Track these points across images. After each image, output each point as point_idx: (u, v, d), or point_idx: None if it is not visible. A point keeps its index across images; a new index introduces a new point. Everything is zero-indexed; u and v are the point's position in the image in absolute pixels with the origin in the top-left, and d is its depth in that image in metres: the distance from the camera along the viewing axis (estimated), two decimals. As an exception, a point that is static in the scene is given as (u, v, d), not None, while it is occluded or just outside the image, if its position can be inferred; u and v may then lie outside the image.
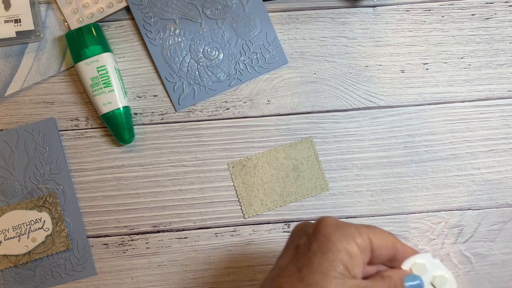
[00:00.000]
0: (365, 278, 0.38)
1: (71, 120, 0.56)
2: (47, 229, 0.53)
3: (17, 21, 0.54)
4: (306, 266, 0.35)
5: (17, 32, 0.54)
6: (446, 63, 0.57)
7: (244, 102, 0.56)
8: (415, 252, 0.39)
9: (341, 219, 0.54)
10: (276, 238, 0.55)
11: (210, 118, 0.56)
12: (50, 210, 0.54)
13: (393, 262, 0.38)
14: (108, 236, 0.55)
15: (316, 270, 0.34)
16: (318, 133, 0.56)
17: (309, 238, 0.36)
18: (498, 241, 0.55)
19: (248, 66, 0.56)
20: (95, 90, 0.53)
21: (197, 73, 0.56)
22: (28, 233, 0.53)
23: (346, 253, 0.35)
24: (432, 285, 0.42)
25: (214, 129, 0.56)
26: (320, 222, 0.37)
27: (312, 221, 0.39)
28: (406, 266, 0.39)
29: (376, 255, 0.37)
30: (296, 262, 0.36)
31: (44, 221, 0.53)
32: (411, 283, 0.37)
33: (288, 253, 0.37)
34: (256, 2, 0.56)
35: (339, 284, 0.34)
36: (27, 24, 0.54)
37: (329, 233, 0.36)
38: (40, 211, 0.53)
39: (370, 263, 0.38)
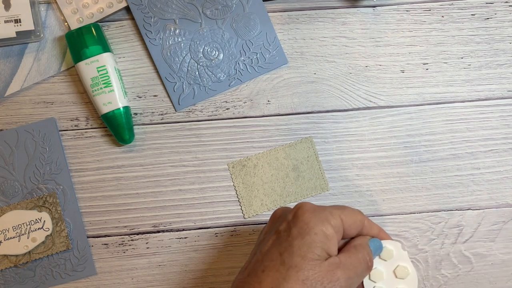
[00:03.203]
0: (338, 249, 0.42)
1: (71, 120, 0.56)
2: (47, 229, 0.53)
3: (17, 21, 0.54)
4: (287, 250, 0.38)
5: (17, 32, 0.54)
6: (446, 63, 0.57)
7: (244, 102, 0.56)
8: (380, 229, 0.44)
9: (347, 206, 0.55)
10: (276, 238, 0.55)
11: (210, 118, 0.56)
12: (50, 210, 0.54)
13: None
14: (108, 236, 0.55)
15: (296, 253, 0.38)
16: (318, 133, 0.56)
17: (288, 224, 0.40)
18: (498, 241, 0.55)
19: (248, 66, 0.56)
20: (95, 90, 0.53)
21: (197, 73, 0.56)
22: (28, 233, 0.53)
23: (323, 235, 0.39)
24: (394, 273, 0.44)
25: (214, 129, 0.56)
26: (299, 208, 0.41)
27: (290, 207, 0.43)
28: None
29: (347, 233, 0.42)
30: (278, 246, 0.39)
31: (44, 221, 0.53)
32: (374, 244, 0.43)
33: (269, 238, 0.40)
34: (256, 2, 0.56)
35: (316, 264, 0.37)
36: (27, 24, 0.54)
37: (307, 219, 0.39)
38: (40, 211, 0.54)
39: (343, 237, 0.42)
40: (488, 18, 0.57)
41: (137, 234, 0.55)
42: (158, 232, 0.55)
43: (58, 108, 0.56)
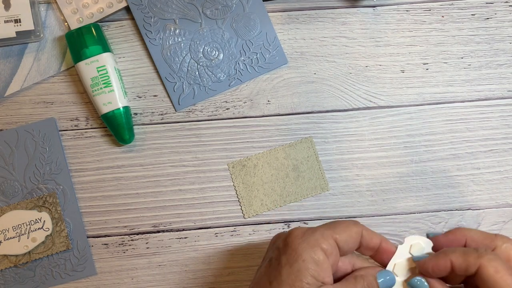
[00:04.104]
0: (342, 276, 0.40)
1: (71, 120, 0.56)
2: (47, 229, 0.53)
3: (17, 21, 0.54)
4: (276, 279, 0.37)
5: (17, 32, 0.54)
6: (446, 63, 0.57)
7: (244, 102, 0.56)
8: (382, 238, 0.40)
9: (341, 220, 0.55)
10: (276, 238, 0.55)
11: (210, 118, 0.56)
12: (50, 210, 0.54)
13: (361, 249, 0.40)
14: (108, 236, 0.55)
15: (285, 282, 0.37)
16: (318, 133, 0.56)
17: (279, 251, 0.39)
18: (498, 241, 0.55)
19: (248, 66, 0.56)
20: (95, 90, 0.53)
21: (197, 73, 0.56)
22: (28, 233, 0.53)
23: (312, 262, 0.37)
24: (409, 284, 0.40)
25: (214, 129, 0.56)
26: (289, 235, 0.39)
27: (286, 232, 0.41)
28: (390, 265, 0.40)
29: (345, 250, 0.39)
30: (268, 275, 0.38)
31: (44, 221, 0.53)
32: (383, 278, 0.39)
33: (263, 266, 0.40)
34: (256, 2, 0.56)
35: None
36: (27, 24, 0.54)
37: (296, 245, 0.38)
38: (40, 211, 0.54)
39: (342, 255, 0.40)
40: (488, 18, 0.57)
41: (137, 234, 0.55)
42: (158, 232, 0.55)
43: (58, 108, 0.56)
